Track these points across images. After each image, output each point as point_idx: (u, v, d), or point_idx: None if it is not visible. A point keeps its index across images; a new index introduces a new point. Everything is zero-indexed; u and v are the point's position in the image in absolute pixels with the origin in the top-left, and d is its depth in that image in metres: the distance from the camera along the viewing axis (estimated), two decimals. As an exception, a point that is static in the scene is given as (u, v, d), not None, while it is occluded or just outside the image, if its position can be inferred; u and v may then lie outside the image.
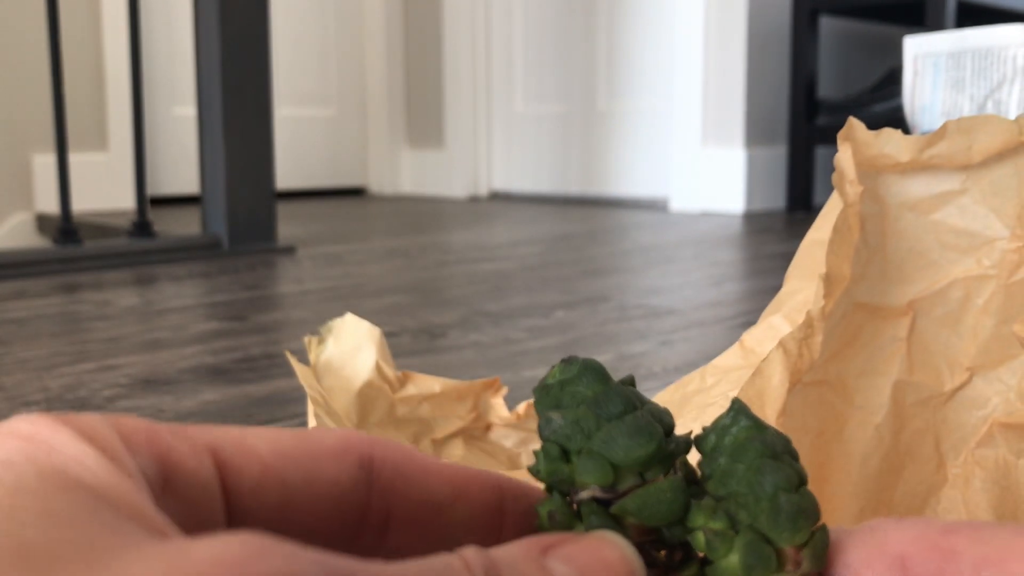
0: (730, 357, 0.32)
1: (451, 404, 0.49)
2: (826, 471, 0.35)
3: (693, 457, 0.17)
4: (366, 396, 0.46)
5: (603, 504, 0.16)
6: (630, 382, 0.18)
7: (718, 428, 0.17)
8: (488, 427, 0.50)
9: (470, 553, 0.14)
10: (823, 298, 0.31)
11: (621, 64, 2.64)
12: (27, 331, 1.05)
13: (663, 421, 0.17)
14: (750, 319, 1.04)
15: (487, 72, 2.95)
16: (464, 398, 0.49)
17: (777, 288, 0.33)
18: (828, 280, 0.32)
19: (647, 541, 0.16)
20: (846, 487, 0.35)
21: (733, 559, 0.15)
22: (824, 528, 0.16)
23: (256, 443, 0.15)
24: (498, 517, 0.17)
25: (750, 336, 0.32)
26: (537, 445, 0.49)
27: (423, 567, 0.13)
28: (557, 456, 0.16)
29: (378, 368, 0.46)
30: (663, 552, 0.16)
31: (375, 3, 3.12)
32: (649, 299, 1.19)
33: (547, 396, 0.17)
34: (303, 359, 0.46)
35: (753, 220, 2.13)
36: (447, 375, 0.54)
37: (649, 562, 0.16)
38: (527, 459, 0.49)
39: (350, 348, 0.46)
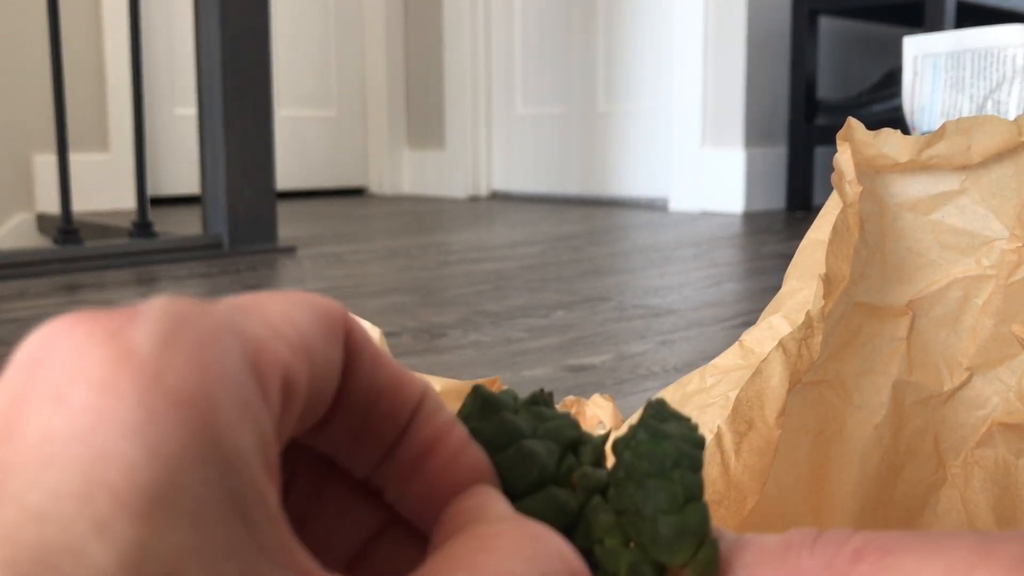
0: (730, 357, 0.32)
1: (451, 403, 0.49)
2: (826, 470, 0.35)
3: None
4: (366, 396, 0.46)
5: None
6: (538, 400, 0.18)
7: (625, 438, 0.17)
8: (488, 427, 0.50)
9: None
10: (822, 298, 0.31)
11: (621, 65, 2.64)
12: (28, 331, 1.05)
13: (561, 437, 0.17)
14: (749, 319, 1.04)
15: (487, 73, 2.95)
16: (464, 397, 0.49)
17: (776, 288, 0.33)
18: (827, 280, 0.32)
19: None
20: (846, 486, 0.35)
21: (622, 564, 0.16)
22: (712, 543, 0.16)
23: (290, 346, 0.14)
24: (410, 421, 0.17)
25: (749, 336, 0.32)
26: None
27: None
28: None
29: (378, 368, 0.46)
30: None
31: (375, 4, 3.13)
32: (649, 299, 1.19)
33: None
34: (304, 359, 0.46)
35: (752, 220, 2.14)
36: (447, 375, 0.54)
37: None
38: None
39: (350, 348, 0.46)
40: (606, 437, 0.18)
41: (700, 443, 0.17)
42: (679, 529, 0.16)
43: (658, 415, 0.17)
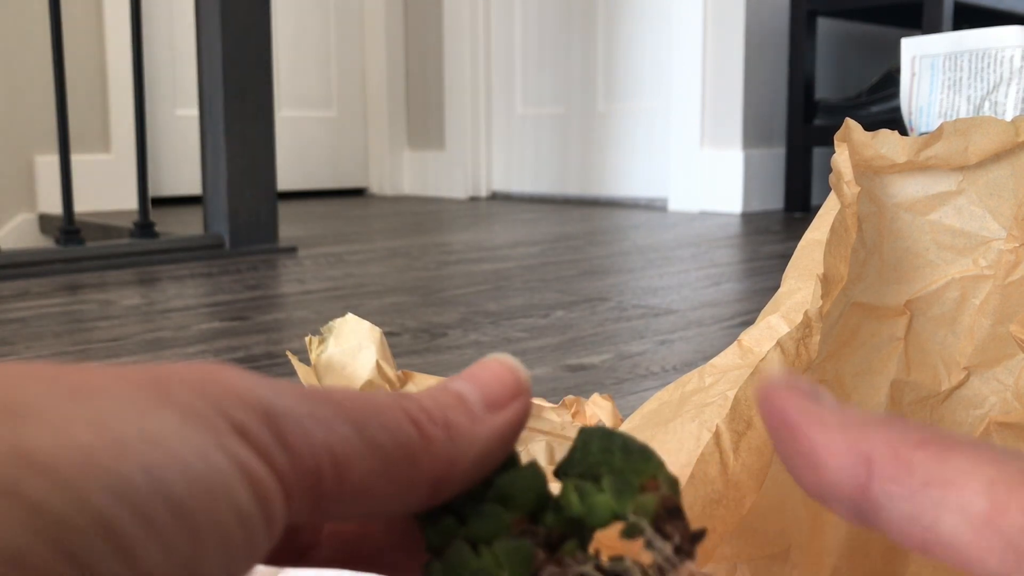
0: (728, 357, 0.32)
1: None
2: (824, 469, 0.35)
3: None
4: (368, 395, 0.46)
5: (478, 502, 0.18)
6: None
7: (570, 456, 0.19)
8: (489, 426, 0.50)
9: (412, 408, 0.16)
10: (821, 298, 0.31)
11: (620, 66, 2.64)
12: (30, 331, 1.05)
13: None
14: (748, 319, 1.05)
15: (487, 74, 2.95)
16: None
17: (775, 288, 0.33)
18: (825, 280, 0.32)
19: (525, 532, 0.18)
20: (844, 485, 0.35)
21: (602, 496, 0.17)
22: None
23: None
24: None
25: (748, 336, 0.32)
26: (535, 443, 0.50)
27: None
28: None
29: (379, 368, 0.47)
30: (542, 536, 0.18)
31: (376, 5, 3.13)
32: (648, 299, 1.19)
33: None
34: (304, 359, 0.46)
35: (751, 220, 2.14)
36: (447, 374, 0.54)
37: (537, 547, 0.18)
38: (526, 457, 0.49)
39: (351, 348, 0.47)
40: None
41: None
42: (645, 447, 0.18)
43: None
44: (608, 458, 0.18)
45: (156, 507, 0.12)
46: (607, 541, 0.19)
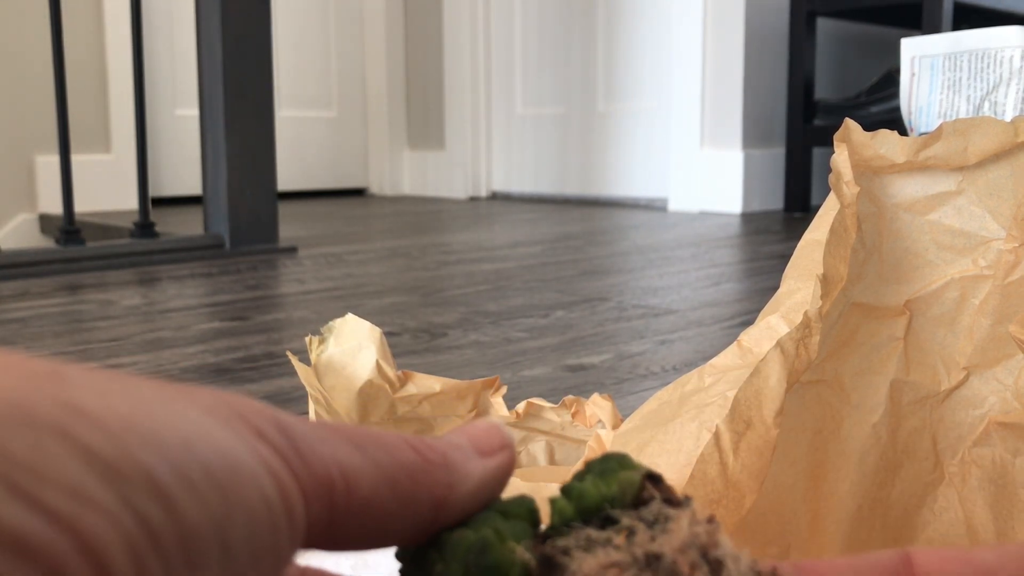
0: (728, 357, 0.32)
1: (451, 403, 0.49)
2: (824, 469, 0.35)
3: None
4: (367, 395, 0.46)
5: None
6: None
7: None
8: (488, 426, 0.50)
9: (410, 438, 0.17)
10: (820, 298, 0.31)
11: (620, 66, 2.64)
12: (30, 331, 1.05)
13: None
14: (748, 319, 1.05)
15: (487, 74, 2.95)
16: (464, 397, 0.50)
17: (775, 288, 0.33)
18: (825, 280, 0.32)
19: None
20: (843, 485, 0.35)
21: (586, 483, 0.18)
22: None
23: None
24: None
25: (748, 336, 0.32)
26: (535, 443, 0.50)
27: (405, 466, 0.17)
28: None
29: (378, 367, 0.47)
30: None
31: (376, 5, 3.13)
32: (647, 299, 1.19)
33: None
34: (304, 359, 0.46)
35: (751, 221, 2.14)
36: (447, 374, 0.54)
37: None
38: (526, 458, 0.49)
39: (351, 348, 0.47)
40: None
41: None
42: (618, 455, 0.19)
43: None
44: (589, 471, 0.19)
45: (193, 469, 0.13)
46: None
